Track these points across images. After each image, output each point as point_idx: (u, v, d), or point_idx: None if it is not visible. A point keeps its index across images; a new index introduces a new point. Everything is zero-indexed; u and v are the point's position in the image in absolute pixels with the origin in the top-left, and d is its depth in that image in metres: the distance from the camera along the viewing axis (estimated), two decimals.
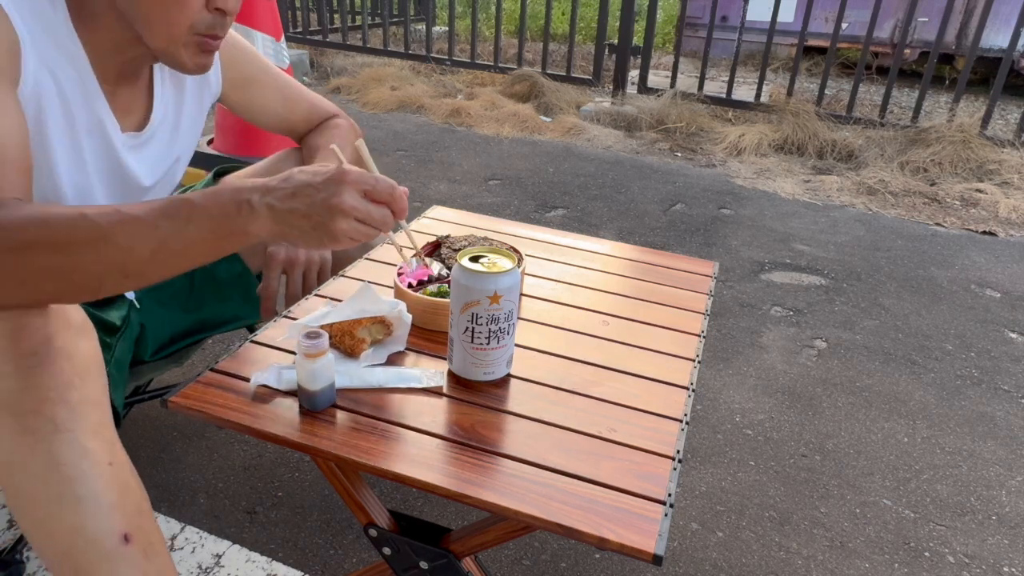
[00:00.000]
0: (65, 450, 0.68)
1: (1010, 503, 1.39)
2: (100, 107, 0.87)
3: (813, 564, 1.21)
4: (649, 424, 0.80)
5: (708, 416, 1.58)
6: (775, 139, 3.67)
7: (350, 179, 0.68)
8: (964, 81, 3.54)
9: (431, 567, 0.85)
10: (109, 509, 0.70)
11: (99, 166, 0.90)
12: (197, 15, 0.81)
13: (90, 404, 0.71)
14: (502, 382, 0.85)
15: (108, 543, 0.70)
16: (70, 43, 0.81)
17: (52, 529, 0.70)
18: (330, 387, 0.77)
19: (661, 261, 1.25)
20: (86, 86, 0.85)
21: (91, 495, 0.69)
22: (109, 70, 0.87)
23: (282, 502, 1.26)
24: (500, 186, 2.98)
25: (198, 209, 0.66)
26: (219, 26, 0.84)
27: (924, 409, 1.67)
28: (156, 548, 0.75)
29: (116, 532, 0.71)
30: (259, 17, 2.35)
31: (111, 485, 0.71)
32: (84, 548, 0.70)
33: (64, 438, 0.68)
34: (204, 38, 0.83)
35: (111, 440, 0.73)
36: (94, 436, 0.70)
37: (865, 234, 2.70)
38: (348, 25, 5.19)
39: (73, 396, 0.69)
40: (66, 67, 0.82)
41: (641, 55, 4.17)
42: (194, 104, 1.04)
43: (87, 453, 0.69)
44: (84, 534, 0.69)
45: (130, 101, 0.92)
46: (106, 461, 0.71)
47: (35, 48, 0.77)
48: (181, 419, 1.44)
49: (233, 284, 1.18)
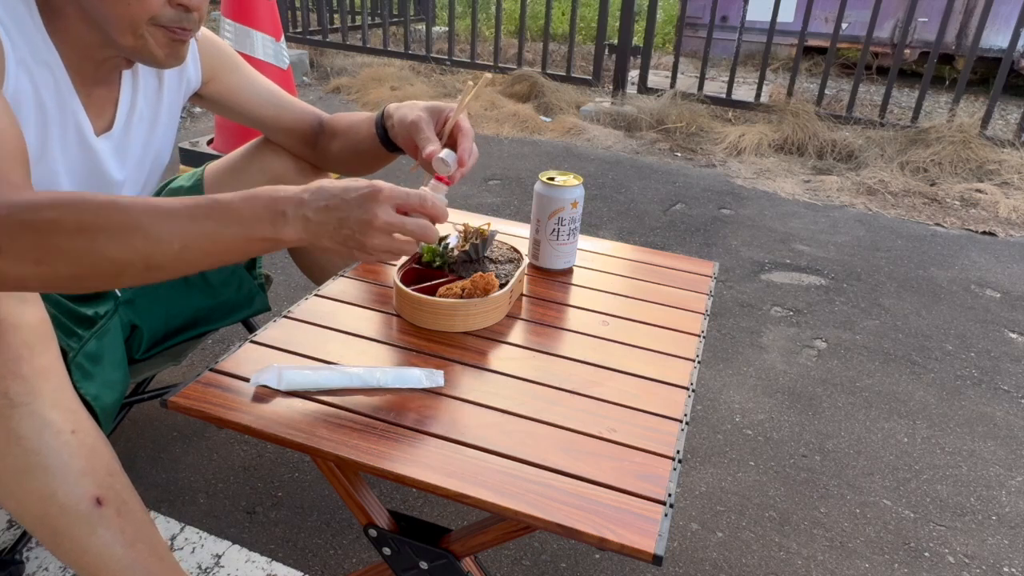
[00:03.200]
0: (24, 424, 0.69)
1: (1010, 503, 1.39)
2: (75, 108, 0.87)
3: (813, 564, 1.21)
4: (649, 424, 0.79)
5: (708, 416, 1.58)
6: (775, 139, 3.67)
7: (383, 196, 0.69)
8: (964, 81, 3.54)
9: (431, 567, 0.85)
10: (78, 475, 0.72)
11: (71, 167, 0.90)
12: (158, 10, 0.81)
13: (44, 374, 0.71)
14: (502, 382, 0.85)
15: (81, 507, 0.72)
16: (43, 45, 0.81)
17: (23, 499, 0.71)
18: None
19: (661, 261, 1.25)
20: (60, 87, 0.84)
21: (58, 464, 0.70)
22: (84, 72, 0.87)
23: (282, 502, 1.26)
24: (500, 186, 2.98)
25: (233, 213, 0.66)
26: (185, 20, 0.83)
27: (924, 409, 1.67)
28: (130, 506, 0.77)
29: (88, 496, 0.72)
30: (259, 17, 2.35)
31: (77, 452, 0.72)
32: (58, 515, 0.71)
33: (21, 412, 0.69)
34: (172, 29, 0.83)
35: (71, 407, 0.73)
36: (53, 406, 0.71)
37: (865, 234, 2.70)
38: (348, 25, 5.19)
39: (24, 368, 0.69)
40: (41, 69, 0.82)
41: (641, 55, 4.17)
42: (172, 98, 1.04)
43: (48, 424, 0.70)
44: (56, 501, 0.71)
45: (102, 101, 0.92)
46: (69, 429, 0.72)
47: (14, 50, 0.77)
48: (181, 419, 1.44)
49: (226, 279, 1.18)
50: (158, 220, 0.65)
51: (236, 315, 1.23)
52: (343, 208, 0.68)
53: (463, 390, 0.83)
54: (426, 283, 1.00)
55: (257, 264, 1.31)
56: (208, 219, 0.66)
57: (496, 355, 0.91)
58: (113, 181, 0.97)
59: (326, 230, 0.69)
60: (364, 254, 0.71)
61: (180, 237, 0.65)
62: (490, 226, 1.09)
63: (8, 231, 0.61)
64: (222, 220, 0.66)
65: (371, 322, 0.96)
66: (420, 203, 0.73)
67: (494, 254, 1.11)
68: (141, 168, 1.03)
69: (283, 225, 0.68)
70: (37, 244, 0.62)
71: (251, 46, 2.33)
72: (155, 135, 1.03)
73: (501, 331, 0.96)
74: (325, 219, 0.68)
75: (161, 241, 0.65)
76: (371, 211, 0.68)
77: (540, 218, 1.12)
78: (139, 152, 1.00)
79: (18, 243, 0.61)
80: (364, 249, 0.70)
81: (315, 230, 0.68)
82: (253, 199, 0.67)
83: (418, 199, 0.73)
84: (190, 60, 1.05)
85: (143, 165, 1.03)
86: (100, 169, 0.94)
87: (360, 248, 0.70)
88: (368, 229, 0.69)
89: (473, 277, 0.97)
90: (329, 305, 1.00)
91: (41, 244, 0.62)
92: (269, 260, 2.16)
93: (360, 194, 0.69)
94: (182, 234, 0.65)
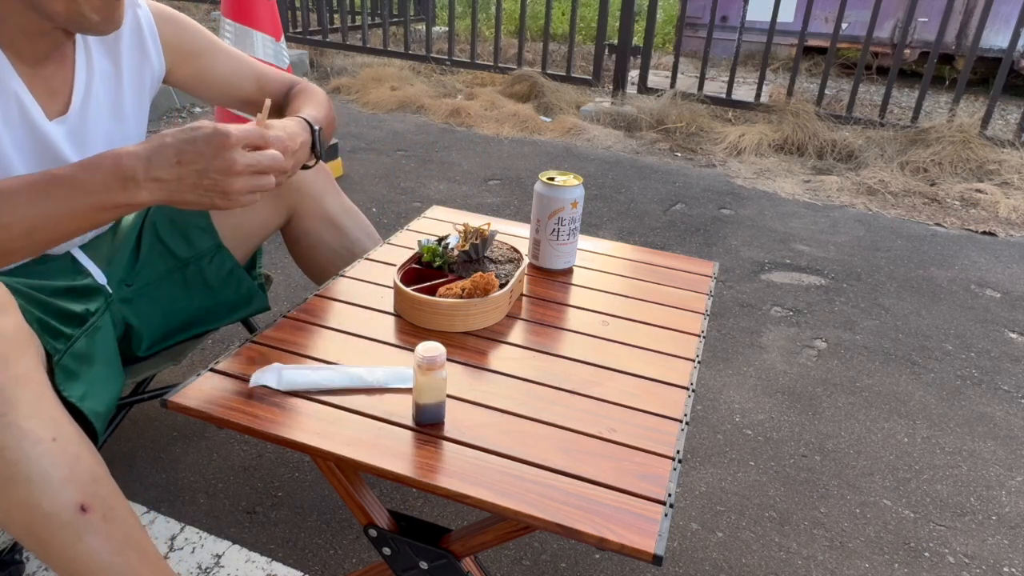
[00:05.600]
0: (3, 435, 0.68)
1: (1010, 503, 1.39)
2: (18, 89, 0.84)
3: (813, 564, 1.21)
4: (649, 424, 0.80)
5: (708, 416, 1.58)
6: (775, 139, 3.67)
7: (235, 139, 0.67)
8: (964, 81, 3.54)
9: (431, 567, 0.85)
10: (61, 484, 0.71)
11: (22, 151, 0.87)
12: None
13: (19, 383, 0.70)
14: (502, 382, 0.85)
15: (65, 515, 0.71)
16: None
17: (9, 510, 0.70)
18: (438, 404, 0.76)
19: (661, 261, 1.25)
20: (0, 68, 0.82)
21: (39, 474, 0.69)
22: (21, 49, 0.83)
23: (282, 502, 1.26)
24: (500, 186, 2.98)
25: (78, 186, 0.65)
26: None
27: (924, 409, 1.67)
28: (116, 511, 0.76)
29: (72, 504, 0.71)
30: (259, 17, 2.35)
31: (59, 460, 0.71)
32: (44, 523, 0.71)
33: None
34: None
35: (52, 415, 0.72)
36: (31, 415, 0.70)
37: (865, 234, 2.70)
38: (348, 25, 5.19)
39: (1, 377, 0.68)
40: None
41: (641, 55, 4.17)
42: (134, 84, 1.01)
43: (26, 434, 0.69)
44: (40, 511, 0.70)
45: (52, 83, 0.89)
46: (49, 438, 0.71)
47: None
48: (181, 419, 1.44)
49: (224, 279, 1.18)
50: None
51: (236, 314, 1.23)
52: (198, 160, 0.66)
53: (463, 390, 0.83)
54: (426, 283, 1.00)
55: (257, 264, 1.31)
56: (50, 197, 0.64)
57: (496, 355, 0.91)
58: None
59: (186, 185, 0.67)
60: (226, 201, 0.70)
61: (23, 220, 0.63)
62: (490, 226, 1.09)
63: None
64: (67, 196, 0.64)
65: (371, 322, 0.96)
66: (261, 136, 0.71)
67: (494, 254, 1.11)
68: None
69: (135, 189, 0.66)
70: None
71: (251, 46, 2.33)
72: (121, 125, 0.99)
73: (501, 331, 0.96)
74: (182, 174, 0.66)
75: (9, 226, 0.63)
76: (228, 158, 0.67)
77: (540, 218, 1.12)
78: (101, 141, 0.97)
79: None
80: (228, 196, 0.69)
81: (174, 187, 0.67)
82: (95, 168, 0.66)
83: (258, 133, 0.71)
84: (151, 46, 1.01)
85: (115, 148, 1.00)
86: (54, 154, 0.90)
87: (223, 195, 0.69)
88: (229, 175, 0.67)
89: (473, 277, 0.97)
90: (329, 305, 1.00)
91: None
92: (269, 260, 2.16)
93: (212, 143, 0.67)
94: (25, 217, 0.63)
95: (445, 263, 1.06)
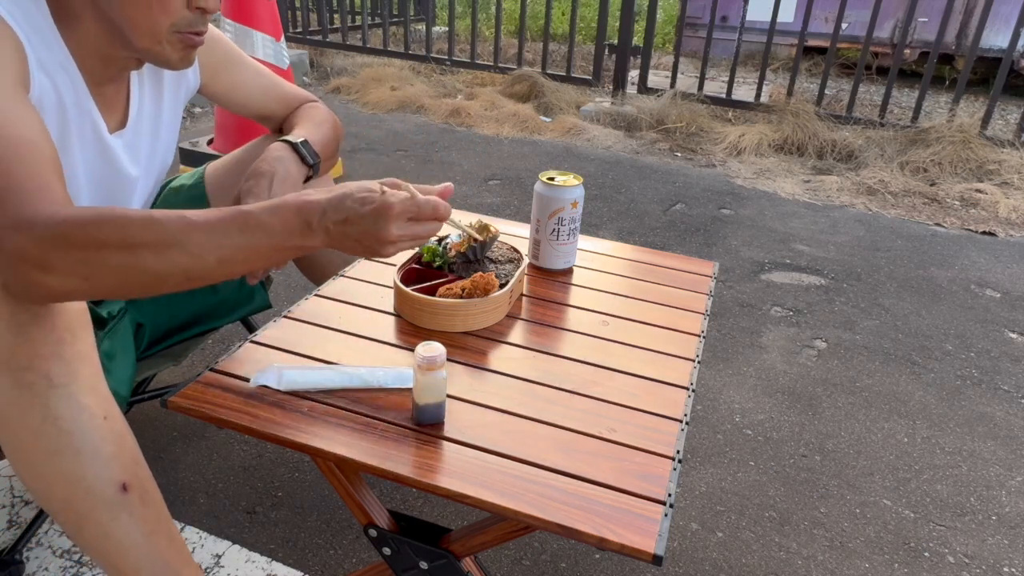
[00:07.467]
0: (62, 405, 0.71)
1: (1010, 503, 1.39)
2: (90, 108, 0.89)
3: (813, 564, 1.21)
4: (649, 424, 0.80)
5: (708, 416, 1.58)
6: (775, 139, 3.67)
7: (395, 212, 0.72)
8: (964, 81, 3.54)
9: (431, 567, 0.85)
10: (107, 460, 0.74)
11: (88, 165, 0.92)
12: (179, 14, 0.83)
13: (82, 359, 0.73)
14: (502, 382, 0.85)
15: (108, 492, 0.74)
16: (57, 46, 0.83)
17: (52, 480, 0.73)
18: (438, 404, 0.77)
19: (661, 261, 1.25)
20: (76, 88, 0.86)
21: (89, 448, 0.73)
22: (95, 71, 0.88)
23: (282, 502, 1.26)
24: (500, 186, 2.98)
25: (264, 224, 0.70)
26: (200, 23, 0.86)
27: (924, 409, 1.67)
28: (152, 495, 0.79)
29: (115, 481, 0.75)
30: (259, 17, 2.35)
31: (108, 437, 0.74)
32: (84, 497, 0.74)
33: (59, 393, 0.71)
34: (188, 35, 0.85)
35: (104, 394, 0.75)
36: (89, 391, 0.73)
37: (865, 234, 2.70)
38: (348, 25, 5.19)
39: (66, 351, 0.71)
40: (58, 70, 0.83)
41: (641, 55, 4.17)
42: (172, 98, 1.06)
43: (83, 408, 0.72)
44: (84, 484, 0.73)
45: (113, 99, 0.95)
46: (101, 415, 0.74)
47: (33, 53, 0.79)
48: (181, 419, 1.44)
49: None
50: (195, 236, 0.67)
51: (237, 312, 1.23)
52: (359, 223, 0.72)
53: (463, 390, 0.83)
54: (426, 283, 1.00)
55: None
56: (242, 233, 0.69)
57: (496, 355, 0.91)
58: (128, 177, 0.99)
59: (346, 243, 0.73)
60: (379, 256, 0.77)
61: (216, 251, 0.68)
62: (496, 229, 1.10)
63: (57, 249, 0.64)
64: (255, 233, 0.69)
65: (371, 322, 0.96)
66: (433, 211, 0.75)
67: (494, 254, 1.11)
68: (152, 165, 1.05)
69: (310, 235, 0.72)
70: (85, 261, 0.65)
71: (251, 46, 2.33)
72: (160, 133, 1.05)
73: (501, 331, 0.96)
74: (344, 232, 0.72)
75: (199, 256, 0.68)
76: (385, 228, 0.72)
77: (540, 218, 1.12)
78: (148, 149, 1.03)
79: (67, 260, 0.64)
80: (381, 255, 0.76)
81: (337, 240, 0.73)
82: (281, 209, 0.71)
83: (431, 208, 0.75)
84: None
85: (153, 162, 1.06)
86: (116, 166, 0.96)
87: (377, 255, 0.76)
88: (383, 243, 0.73)
89: (473, 277, 0.97)
90: (329, 305, 1.00)
91: (89, 260, 0.65)
92: None
93: (372, 210, 0.72)
94: (218, 248, 0.68)
95: (445, 263, 1.06)
